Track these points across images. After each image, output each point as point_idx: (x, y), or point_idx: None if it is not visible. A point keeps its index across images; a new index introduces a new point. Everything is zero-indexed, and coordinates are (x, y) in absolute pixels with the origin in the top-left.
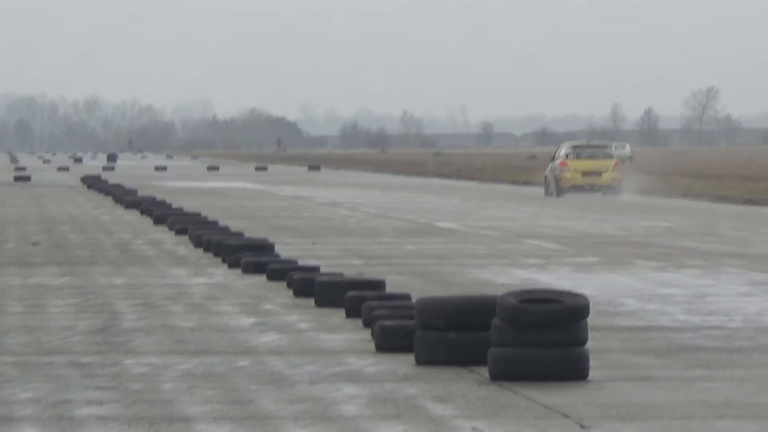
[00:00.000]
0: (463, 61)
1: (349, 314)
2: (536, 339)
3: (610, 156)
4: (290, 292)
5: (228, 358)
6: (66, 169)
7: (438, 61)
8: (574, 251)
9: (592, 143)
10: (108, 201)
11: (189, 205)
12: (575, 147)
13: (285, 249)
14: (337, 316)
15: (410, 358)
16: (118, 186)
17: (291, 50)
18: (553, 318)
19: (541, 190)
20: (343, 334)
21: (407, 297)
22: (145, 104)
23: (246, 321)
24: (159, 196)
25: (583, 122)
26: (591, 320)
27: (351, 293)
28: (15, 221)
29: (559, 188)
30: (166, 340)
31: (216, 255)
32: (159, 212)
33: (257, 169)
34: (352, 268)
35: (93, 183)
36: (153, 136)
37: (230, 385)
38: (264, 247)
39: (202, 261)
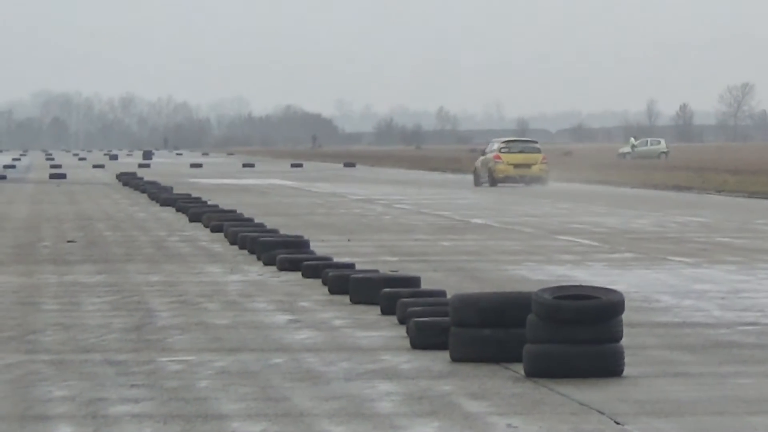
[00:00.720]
0: (498, 57)
1: (384, 311)
2: (571, 335)
3: (538, 150)
4: (325, 289)
5: (263, 356)
6: (101, 166)
7: (473, 56)
8: (609, 247)
9: (523, 138)
10: (143, 198)
11: (224, 202)
12: (507, 142)
13: (320, 246)
14: (372, 313)
15: (445, 355)
16: (153, 183)
17: (326, 47)
18: (588, 314)
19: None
20: (378, 331)
21: (442, 294)
22: (180, 101)
23: (281, 318)
24: (194, 194)
25: (619, 118)
26: (626, 316)
27: (386, 290)
28: (50, 219)
29: (492, 179)
30: (202, 338)
31: (251, 252)
32: (194, 209)
33: (292, 165)
34: (387, 264)
35: (128, 180)
36: (188, 133)
37: (265, 382)
38: (299, 244)
39: (237, 258)
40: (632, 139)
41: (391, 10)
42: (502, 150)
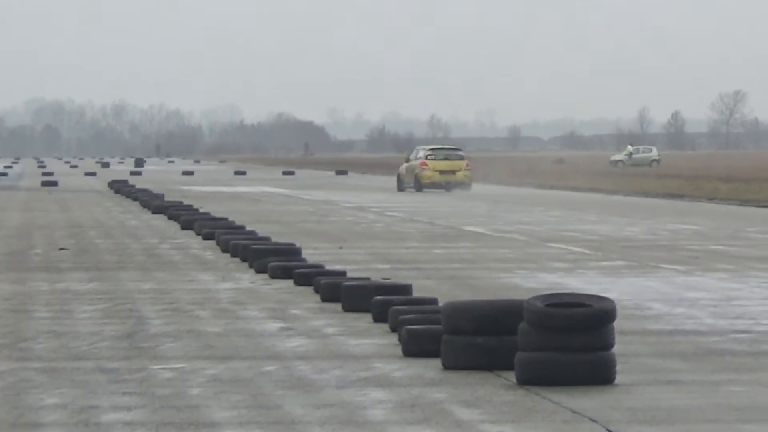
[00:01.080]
0: (490, 65)
1: (376, 319)
2: (563, 343)
3: (462, 157)
4: (317, 297)
5: (255, 363)
6: (93, 174)
7: (465, 64)
8: (601, 255)
9: (447, 146)
10: (135, 206)
11: (216, 209)
12: (433, 149)
13: (312, 253)
14: (364, 320)
15: (437, 362)
16: (145, 191)
17: (318, 54)
18: (579, 322)
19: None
20: (370, 339)
21: (434, 301)
22: (172, 109)
23: (273, 326)
24: (186, 201)
25: (611, 126)
26: (618, 324)
27: (378, 298)
28: (42, 226)
29: (418, 184)
30: (193, 346)
31: (243, 260)
32: (186, 217)
33: (284, 173)
34: (379, 272)
35: (120, 188)
36: (180, 140)
37: (257, 390)
38: (291, 252)
39: (229, 266)
40: (629, 147)
41: (384, 18)
42: (429, 157)
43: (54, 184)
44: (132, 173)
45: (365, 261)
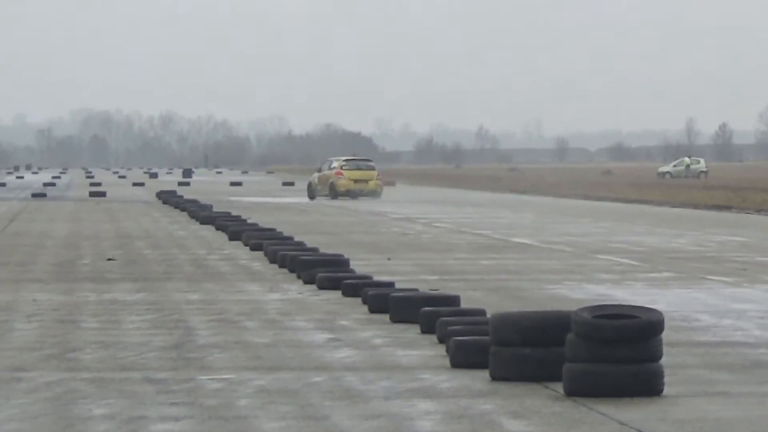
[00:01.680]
0: (538, 76)
1: (424, 330)
2: (611, 354)
3: (373, 168)
4: (365, 308)
5: (303, 374)
6: (141, 184)
7: (513, 75)
8: (649, 267)
9: (360, 158)
10: (183, 216)
11: (264, 220)
12: (347, 160)
13: (360, 264)
14: (412, 331)
15: (485, 373)
16: (193, 201)
17: (366, 65)
18: (627, 333)
19: None
20: (417, 350)
21: (482, 312)
22: (220, 119)
23: (321, 337)
24: (234, 212)
25: (658, 137)
26: (666, 335)
27: (426, 309)
28: (90, 237)
29: (334, 192)
30: (241, 356)
31: (291, 271)
32: (234, 228)
33: None
34: (426, 283)
35: (168, 198)
36: (228, 151)
37: (305, 401)
38: (339, 263)
39: (277, 277)
40: (686, 159)
41: (430, 29)
42: (344, 167)
43: (102, 194)
44: (180, 184)
45: (413, 272)
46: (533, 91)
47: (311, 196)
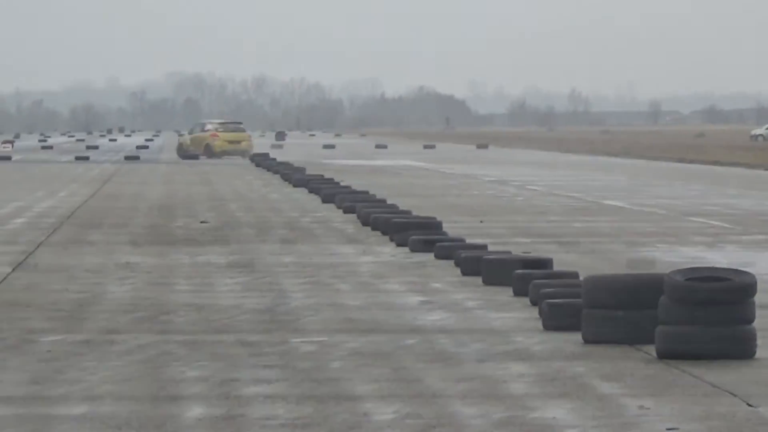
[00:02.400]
0: (631, 38)
1: (517, 293)
2: (703, 317)
3: (244, 130)
4: (458, 271)
5: (396, 337)
6: None
7: (606, 38)
8: (742, 229)
9: (232, 121)
10: (276, 179)
11: (357, 183)
12: (221, 123)
13: (453, 227)
14: (505, 294)
15: (577, 336)
16: (286, 164)
17: (459, 27)
18: (720, 296)
19: None
20: (510, 313)
21: (575, 275)
22: (313, 82)
23: (413, 299)
24: (327, 174)
25: (751, 100)
26: (759, 298)
27: (518, 272)
28: (183, 200)
29: (210, 152)
30: (334, 319)
31: (384, 233)
32: (327, 190)
33: (425, 147)
34: (519, 246)
35: (261, 161)
36: (321, 114)
37: (398, 363)
38: (432, 225)
39: (370, 239)
40: None
41: None
42: (218, 130)
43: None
44: (273, 146)
45: (505, 234)
46: (626, 53)
47: (181, 156)
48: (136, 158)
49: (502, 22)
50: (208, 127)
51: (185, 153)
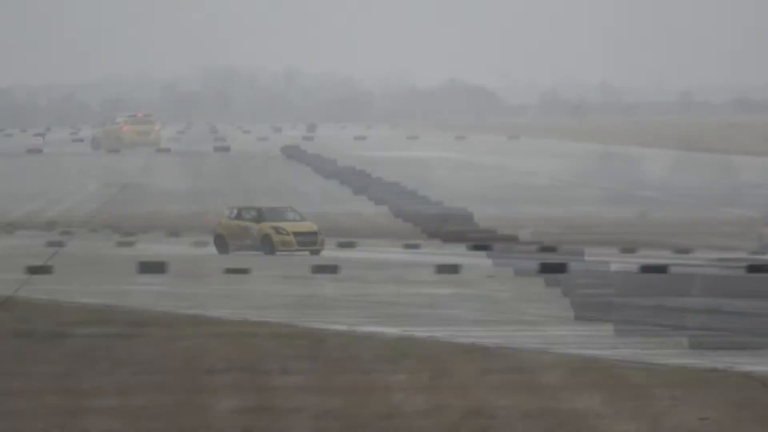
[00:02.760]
0: (661, 28)
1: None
2: None
3: (153, 122)
4: (489, 261)
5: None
6: (266, 139)
7: (636, 28)
8: None
9: (141, 113)
10: (308, 171)
11: (388, 174)
12: (129, 116)
13: (484, 219)
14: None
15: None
16: (317, 156)
17: (490, 19)
18: None
19: None
20: None
21: None
22: (344, 75)
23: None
24: (358, 166)
25: None
26: None
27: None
28: (213, 191)
29: (121, 144)
30: (363, 312)
31: (416, 224)
32: (359, 182)
33: (457, 138)
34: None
35: (293, 153)
36: (352, 106)
37: None
38: (463, 217)
39: (403, 231)
40: None
41: None
42: (127, 122)
43: (226, 149)
44: (304, 138)
45: (537, 226)
46: (657, 44)
47: (95, 149)
48: (167, 150)
49: (533, 12)
50: (118, 119)
51: (98, 145)
